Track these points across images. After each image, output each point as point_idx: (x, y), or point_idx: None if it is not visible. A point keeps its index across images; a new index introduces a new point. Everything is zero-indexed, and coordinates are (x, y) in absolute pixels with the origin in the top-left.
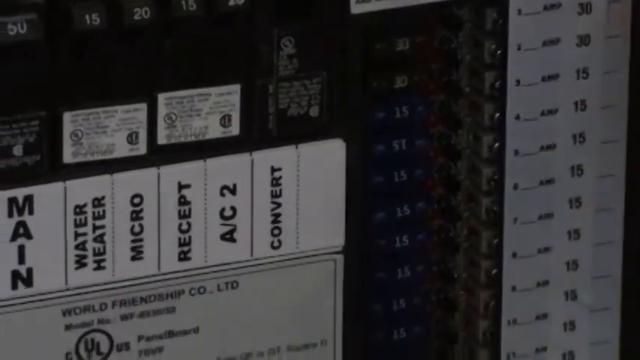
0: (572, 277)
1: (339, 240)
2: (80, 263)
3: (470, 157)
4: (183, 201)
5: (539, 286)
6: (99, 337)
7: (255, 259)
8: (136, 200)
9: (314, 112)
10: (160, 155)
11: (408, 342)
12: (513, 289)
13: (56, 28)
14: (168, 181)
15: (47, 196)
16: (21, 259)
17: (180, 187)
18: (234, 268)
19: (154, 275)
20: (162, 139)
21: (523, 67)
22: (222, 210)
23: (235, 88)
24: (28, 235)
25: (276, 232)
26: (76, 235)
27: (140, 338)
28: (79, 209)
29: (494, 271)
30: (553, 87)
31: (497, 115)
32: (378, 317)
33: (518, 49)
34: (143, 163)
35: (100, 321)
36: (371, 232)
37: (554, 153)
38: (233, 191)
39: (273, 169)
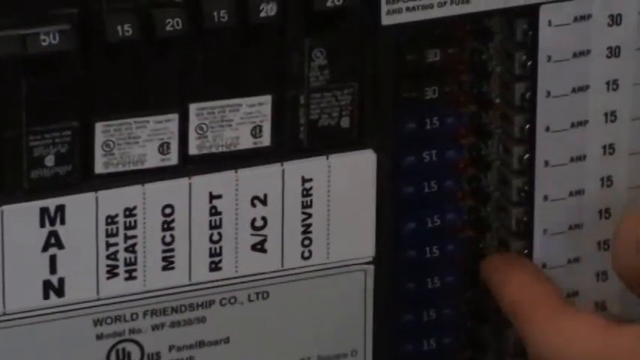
0: (601, 288)
1: (369, 250)
2: (111, 273)
3: (500, 168)
4: (214, 211)
5: (569, 296)
6: (130, 347)
7: (286, 270)
8: (167, 210)
9: (345, 122)
10: (191, 165)
11: (438, 353)
12: None
13: (89, 39)
14: (199, 192)
15: (79, 206)
16: (52, 269)
17: (212, 197)
18: (264, 279)
19: (184, 285)
20: (193, 150)
21: (553, 78)
22: (253, 220)
23: (266, 99)
24: (59, 245)
25: (306, 242)
26: (108, 245)
27: (171, 348)
28: (111, 219)
29: None
30: (583, 98)
31: (528, 126)
32: (408, 328)
33: (549, 60)
34: (174, 174)
35: (131, 331)
36: (401, 243)
37: (584, 164)
38: (264, 202)
39: (304, 180)
